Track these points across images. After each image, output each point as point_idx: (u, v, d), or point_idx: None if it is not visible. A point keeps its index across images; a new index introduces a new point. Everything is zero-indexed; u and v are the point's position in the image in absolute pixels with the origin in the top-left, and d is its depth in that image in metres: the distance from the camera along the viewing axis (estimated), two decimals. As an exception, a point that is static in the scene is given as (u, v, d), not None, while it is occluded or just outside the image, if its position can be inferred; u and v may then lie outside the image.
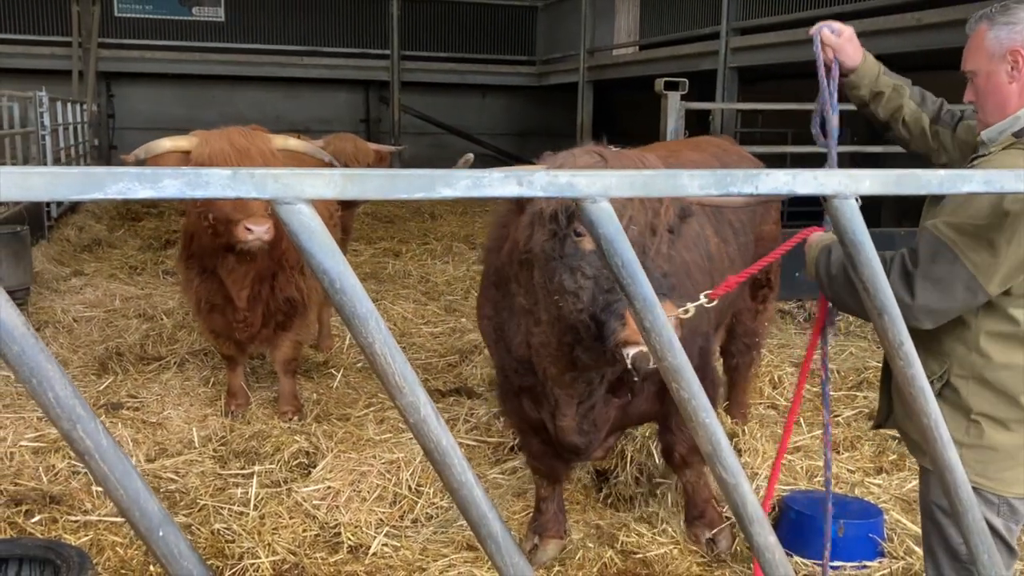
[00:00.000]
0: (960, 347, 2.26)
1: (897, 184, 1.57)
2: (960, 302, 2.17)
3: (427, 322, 6.93)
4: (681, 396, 1.46)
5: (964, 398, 2.25)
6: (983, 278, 2.12)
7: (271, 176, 1.16)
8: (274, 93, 17.32)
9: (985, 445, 2.24)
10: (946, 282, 2.13)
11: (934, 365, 2.28)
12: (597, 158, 2.65)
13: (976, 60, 2.30)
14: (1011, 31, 2.23)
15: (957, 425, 2.24)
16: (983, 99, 2.30)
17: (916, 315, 2.15)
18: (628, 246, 1.37)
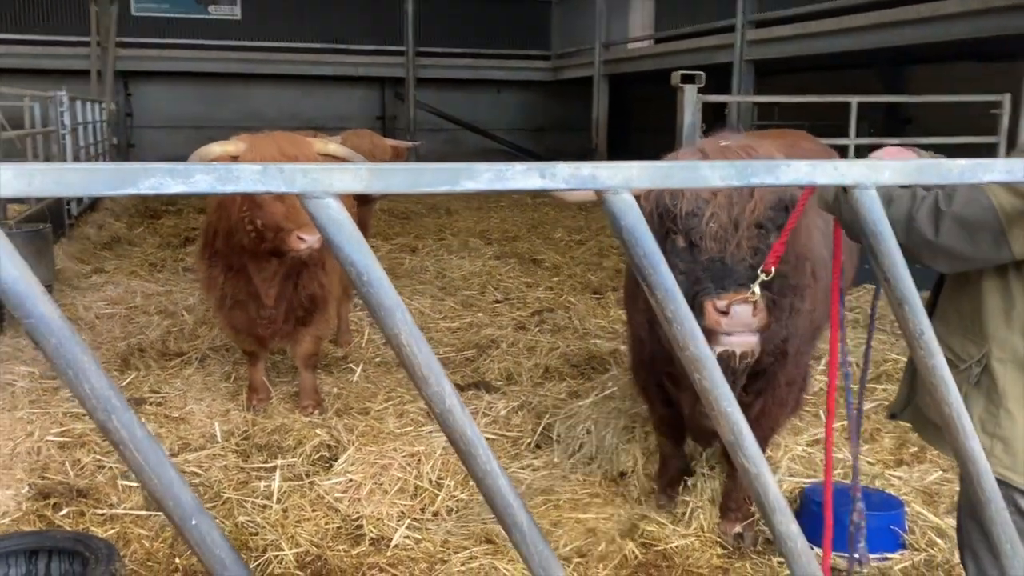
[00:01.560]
0: (1003, 329, 2.24)
1: (918, 174, 1.57)
2: (982, 253, 2.12)
3: (444, 317, 6.96)
4: (703, 386, 1.46)
5: (1001, 386, 2.23)
6: (1012, 234, 2.08)
7: (300, 171, 1.18)
8: (290, 90, 17.42)
9: (1018, 437, 2.22)
10: (974, 228, 2.09)
11: (972, 348, 2.26)
12: (699, 156, 2.79)
13: None
14: None
15: (991, 415, 2.23)
16: None
17: (935, 253, 2.13)
18: (649, 237, 1.38)
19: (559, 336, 6.40)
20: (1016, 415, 2.22)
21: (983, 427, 2.24)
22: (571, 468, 4.16)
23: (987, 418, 2.24)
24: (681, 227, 2.71)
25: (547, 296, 7.74)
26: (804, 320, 3.25)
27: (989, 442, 2.23)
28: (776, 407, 3.49)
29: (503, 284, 8.17)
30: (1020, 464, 2.22)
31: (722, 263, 2.64)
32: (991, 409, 2.23)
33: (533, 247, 10.00)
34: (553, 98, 18.47)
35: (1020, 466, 2.22)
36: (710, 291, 2.59)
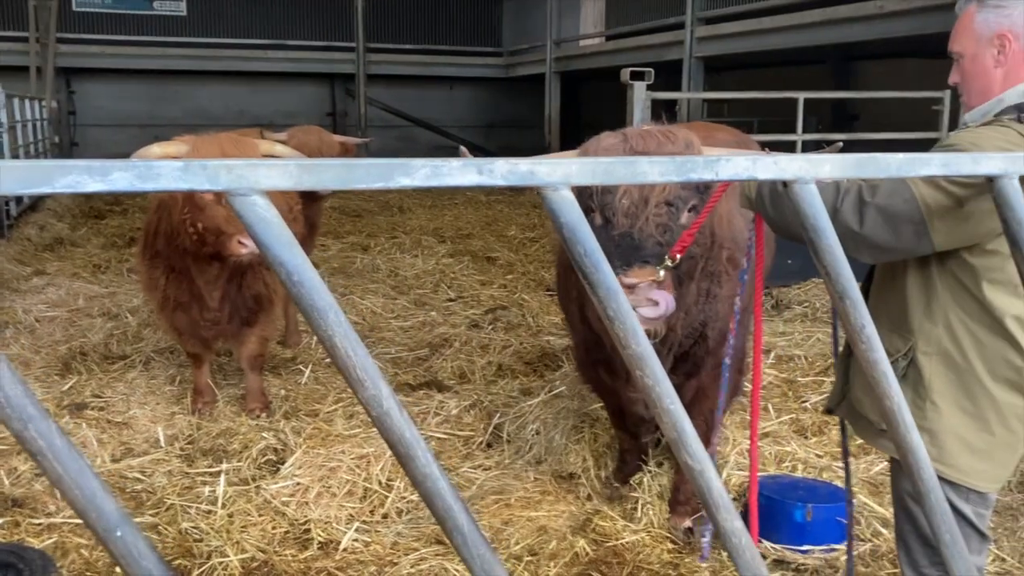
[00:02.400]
0: (927, 322, 2.27)
1: (857, 168, 1.57)
2: (905, 244, 2.16)
3: (396, 316, 6.90)
4: (645, 383, 1.45)
5: (926, 378, 2.26)
6: (933, 226, 2.11)
7: (224, 167, 1.14)
8: (238, 87, 17.16)
9: (943, 429, 2.25)
10: (897, 219, 2.12)
11: (898, 342, 2.29)
12: (620, 138, 2.82)
13: (963, 42, 2.28)
14: (999, 14, 2.21)
15: (917, 408, 2.25)
16: (968, 81, 2.30)
17: (859, 244, 2.15)
18: (590, 234, 1.36)
19: (512, 334, 6.38)
20: (941, 407, 2.25)
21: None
22: (522, 468, 4.14)
23: (913, 411, 2.25)
24: (597, 204, 2.74)
25: (501, 294, 7.71)
26: (723, 305, 3.29)
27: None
28: (713, 388, 3.52)
29: (456, 282, 8.12)
30: (946, 456, 2.24)
31: (631, 239, 2.67)
32: (917, 402, 2.25)
33: (487, 245, 9.97)
34: (505, 95, 18.44)
35: (946, 458, 2.24)
36: (618, 267, 2.61)
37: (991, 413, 2.23)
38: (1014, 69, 2.25)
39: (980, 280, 2.18)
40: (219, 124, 12.51)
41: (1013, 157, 1.69)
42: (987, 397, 2.23)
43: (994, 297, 2.17)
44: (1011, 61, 2.24)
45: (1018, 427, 2.26)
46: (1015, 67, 2.24)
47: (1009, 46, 2.22)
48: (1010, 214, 1.69)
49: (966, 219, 2.10)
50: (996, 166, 1.65)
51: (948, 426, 2.25)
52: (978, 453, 2.25)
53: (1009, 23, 2.23)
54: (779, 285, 7.37)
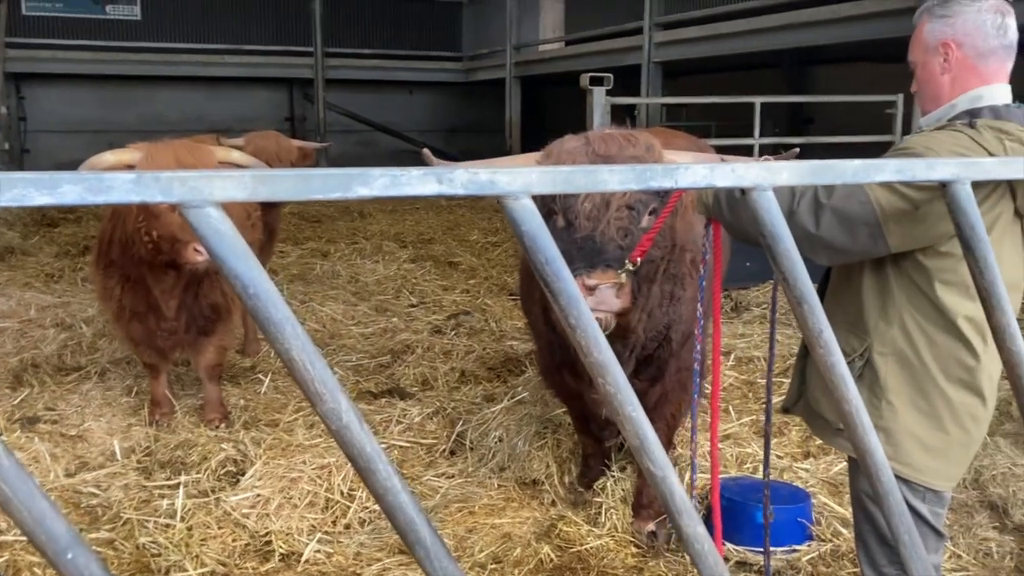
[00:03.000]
0: (882, 323, 2.30)
1: (813, 175, 1.59)
2: (860, 245, 2.20)
3: (357, 323, 6.84)
4: (607, 390, 1.46)
5: (882, 378, 2.30)
6: (888, 228, 2.15)
7: (177, 179, 1.12)
8: (195, 92, 16.91)
9: (898, 429, 2.29)
10: (853, 221, 2.16)
11: (855, 342, 2.32)
12: (582, 141, 2.84)
13: (915, 51, 2.35)
14: (944, 24, 2.28)
15: (873, 407, 2.28)
16: (921, 89, 2.36)
17: (815, 246, 2.19)
18: (551, 242, 1.36)
19: (475, 339, 6.36)
20: (897, 407, 2.29)
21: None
22: (485, 475, 4.12)
23: (869, 410, 2.29)
24: (560, 206, 2.74)
25: (463, 299, 7.69)
26: (687, 307, 3.32)
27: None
28: (676, 392, 3.56)
29: (418, 288, 8.08)
30: (902, 454, 2.28)
31: (593, 242, 2.69)
32: (873, 402, 2.29)
33: (449, 249, 9.94)
34: (466, 99, 18.41)
35: (902, 456, 2.28)
36: (580, 269, 2.62)
37: (945, 412, 2.28)
38: (961, 75, 2.30)
39: (933, 281, 2.23)
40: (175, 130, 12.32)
41: (966, 163, 1.73)
42: (941, 396, 2.27)
43: (947, 298, 2.21)
44: (956, 68, 2.29)
45: (972, 426, 2.30)
46: (961, 73, 2.30)
47: (952, 54, 2.28)
48: (963, 218, 1.72)
49: (920, 221, 2.14)
50: (949, 172, 1.68)
51: (903, 425, 2.29)
52: (933, 452, 2.29)
53: (952, 31, 2.28)
54: (738, 287, 7.44)
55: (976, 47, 2.28)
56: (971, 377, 2.26)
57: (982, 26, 2.29)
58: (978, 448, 2.41)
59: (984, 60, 2.29)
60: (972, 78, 2.30)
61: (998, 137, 2.18)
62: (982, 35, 2.29)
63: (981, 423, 2.33)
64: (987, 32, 2.29)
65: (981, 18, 2.27)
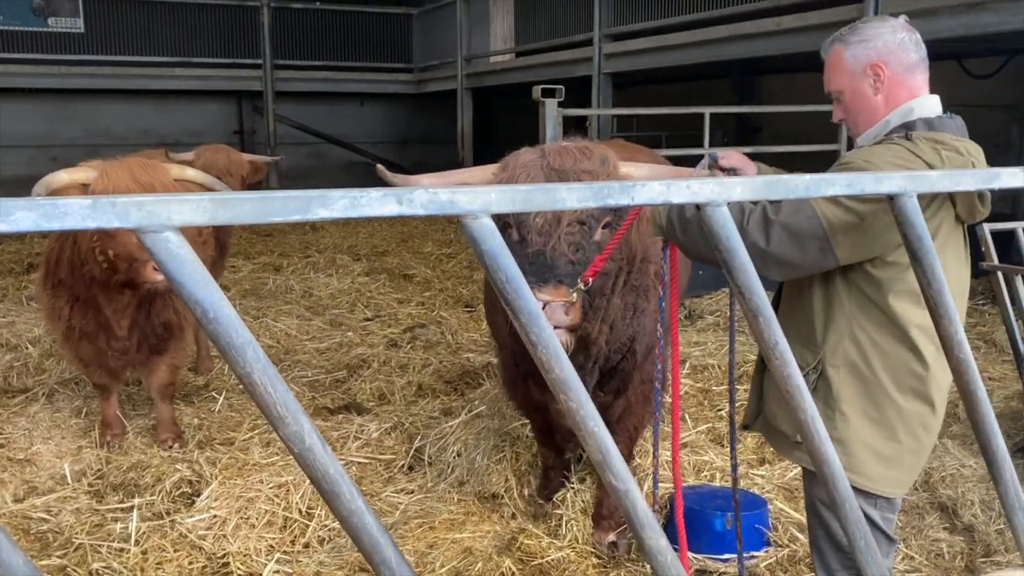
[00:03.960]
0: (834, 335, 2.35)
1: (766, 190, 1.62)
2: (810, 259, 2.23)
3: (312, 338, 6.78)
4: (569, 406, 1.48)
5: (835, 389, 2.34)
6: (836, 241, 2.19)
7: (134, 204, 1.11)
8: (142, 106, 16.64)
9: (852, 439, 2.34)
10: (801, 236, 2.19)
11: (808, 356, 2.37)
12: (538, 154, 2.85)
13: (839, 80, 2.40)
14: (866, 48, 2.34)
15: (827, 419, 2.32)
16: (853, 115, 2.41)
17: (767, 262, 2.21)
18: (511, 261, 1.38)
19: (432, 352, 6.34)
20: (850, 417, 2.34)
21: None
22: (445, 490, 4.11)
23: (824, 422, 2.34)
24: (514, 220, 2.76)
25: (419, 311, 7.67)
26: (651, 319, 3.35)
27: None
28: (639, 405, 3.58)
29: (373, 301, 8.04)
30: (856, 464, 2.33)
31: (544, 257, 2.70)
32: (827, 413, 2.33)
33: (403, 262, 9.90)
34: (417, 111, 18.38)
35: (856, 466, 2.32)
36: (531, 284, 2.65)
37: (897, 421, 2.33)
38: (893, 92, 2.37)
39: (884, 291, 2.28)
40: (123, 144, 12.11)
41: (912, 176, 1.78)
42: (893, 406, 2.32)
43: (898, 307, 2.26)
44: (888, 86, 2.36)
45: (923, 434, 2.36)
46: (893, 90, 2.37)
47: (883, 73, 2.34)
48: (910, 230, 1.77)
49: (866, 233, 2.19)
50: (897, 185, 1.73)
51: (857, 435, 2.33)
52: (885, 460, 2.34)
53: (876, 53, 2.35)
54: (691, 296, 7.53)
55: (902, 63, 2.35)
56: (922, 386, 2.31)
57: (903, 43, 2.36)
58: (928, 455, 2.47)
59: (911, 74, 2.37)
60: (903, 93, 2.36)
61: (934, 148, 2.25)
62: (904, 51, 2.36)
63: (932, 431, 2.39)
64: (908, 47, 2.36)
65: (898, 36, 2.35)
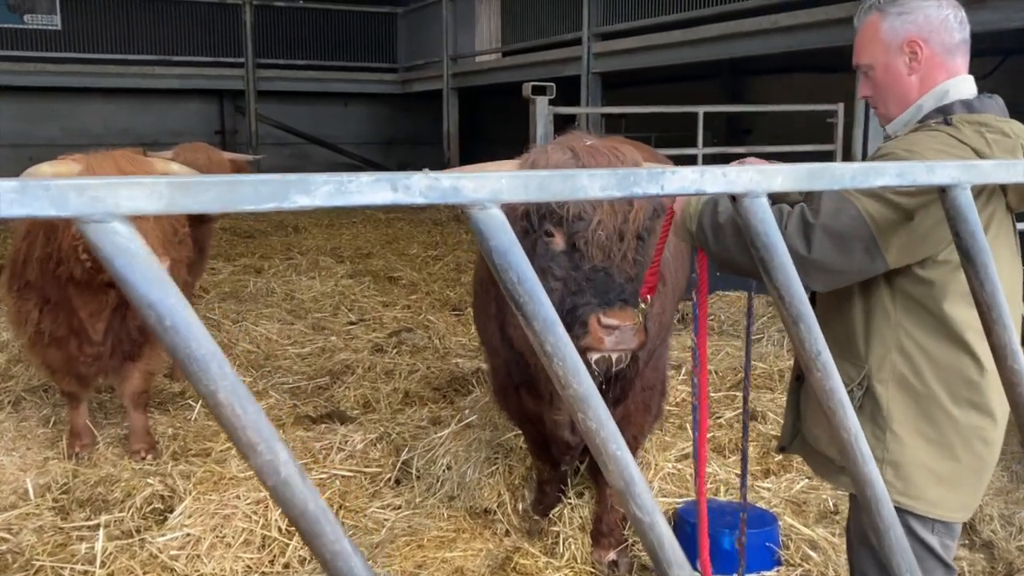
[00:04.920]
0: (879, 347, 2.14)
1: (809, 179, 1.43)
2: (857, 264, 2.03)
3: (293, 343, 6.54)
4: (588, 426, 1.28)
5: (884, 407, 2.14)
6: (884, 242, 1.99)
7: (74, 188, 0.89)
8: (121, 105, 16.35)
9: (907, 461, 2.13)
10: (846, 239, 1.99)
11: (851, 371, 2.16)
12: (570, 154, 2.57)
13: (871, 52, 2.20)
14: (905, 21, 2.14)
15: (877, 440, 2.12)
16: (883, 93, 2.21)
17: (809, 270, 2.00)
18: (524, 260, 1.18)
19: (418, 357, 6.11)
20: (903, 437, 2.13)
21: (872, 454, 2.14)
22: (434, 506, 3.88)
23: (874, 444, 2.14)
24: (566, 230, 2.50)
25: (405, 315, 7.44)
26: (654, 323, 3.16)
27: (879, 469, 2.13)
28: (639, 413, 3.40)
29: (358, 304, 7.80)
30: (913, 488, 2.13)
31: (606, 274, 2.46)
32: (877, 434, 2.13)
33: (388, 264, 9.66)
34: (402, 111, 18.15)
35: (913, 490, 2.12)
36: (593, 305, 2.42)
37: (954, 438, 2.12)
38: (929, 74, 2.18)
39: (937, 294, 2.07)
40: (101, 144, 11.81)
41: (966, 166, 1.58)
42: (949, 421, 2.12)
43: (953, 311, 2.06)
44: (925, 66, 2.17)
45: (983, 450, 2.15)
46: (930, 71, 2.17)
47: (921, 51, 2.15)
48: (963, 226, 1.57)
49: (915, 231, 1.99)
50: (949, 175, 1.53)
51: (912, 456, 2.13)
52: (945, 482, 2.14)
53: (916, 28, 2.16)
54: (685, 298, 7.33)
55: (943, 42, 2.16)
56: (979, 396, 2.11)
57: (946, 21, 2.17)
58: (991, 472, 2.25)
59: (951, 56, 2.18)
60: (939, 75, 2.18)
61: (978, 131, 2.06)
62: (947, 29, 2.17)
63: (993, 445, 2.18)
64: (952, 26, 2.18)
65: (943, 12, 2.16)
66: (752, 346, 6.07)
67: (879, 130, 7.23)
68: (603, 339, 2.43)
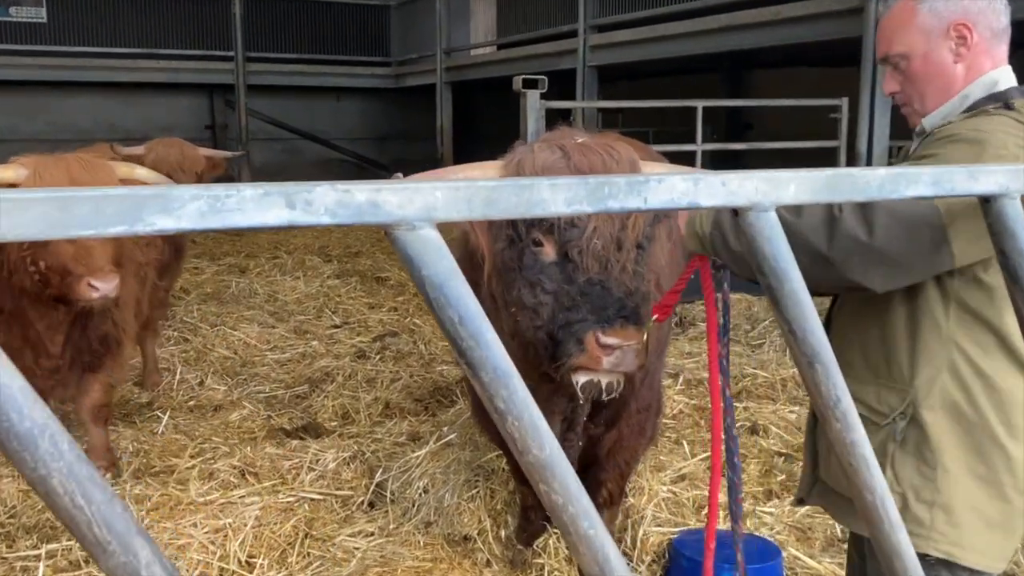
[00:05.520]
0: (927, 367, 1.84)
1: (828, 188, 1.15)
2: (924, 256, 1.73)
3: (273, 348, 6.25)
4: (553, 500, 1.02)
5: (933, 439, 1.84)
6: (954, 231, 1.69)
7: None
8: (108, 99, 16.03)
9: (959, 504, 1.83)
10: (912, 223, 1.69)
11: (891, 398, 1.87)
12: (559, 153, 2.29)
13: (908, 40, 1.91)
14: (948, 3, 1.86)
15: (925, 479, 1.83)
16: (922, 85, 1.92)
17: (870, 261, 1.70)
18: (466, 292, 0.91)
19: (402, 364, 5.83)
20: (955, 474, 1.83)
21: (918, 496, 1.84)
22: (410, 532, 3.59)
23: (922, 484, 1.84)
24: (558, 239, 2.23)
25: (390, 318, 7.15)
26: (652, 338, 2.88)
27: (928, 514, 1.83)
28: (632, 436, 3.12)
29: (342, 307, 7.51)
30: (964, 536, 1.83)
31: (602, 287, 2.19)
32: (924, 472, 1.84)
33: (376, 263, 9.38)
34: (395, 106, 17.82)
35: (967, 539, 1.83)
36: (590, 322, 2.14)
37: (1005, 474, 1.83)
38: (976, 61, 1.89)
39: (999, 304, 1.76)
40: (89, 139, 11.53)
41: (1015, 171, 1.29)
42: (1001, 455, 1.82)
43: (1015, 324, 1.77)
44: (973, 53, 1.88)
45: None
46: (976, 59, 1.89)
47: (971, 36, 1.86)
48: (1011, 243, 1.29)
49: None
50: (996, 182, 1.25)
51: (964, 498, 1.83)
52: (995, 528, 1.85)
53: (963, 10, 1.87)
54: (681, 301, 7.06)
55: (991, 27, 1.89)
56: None
57: (993, 3, 1.89)
58: None
59: (999, 42, 1.91)
60: (986, 64, 1.89)
61: None
62: (995, 12, 1.90)
63: None
64: (999, 9, 1.90)
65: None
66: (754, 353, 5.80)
67: (885, 126, 6.96)
68: (601, 359, 2.16)
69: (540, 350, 2.28)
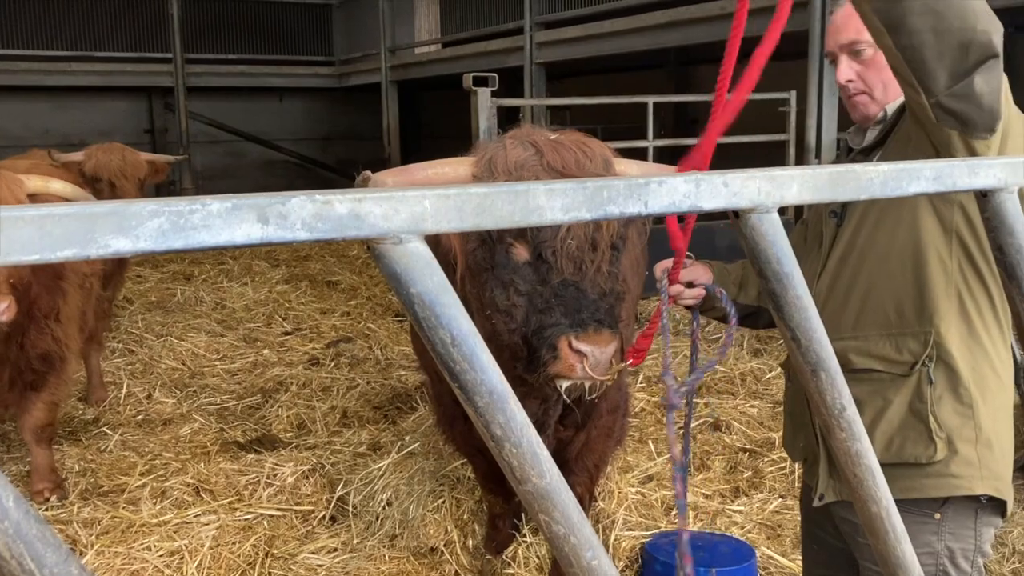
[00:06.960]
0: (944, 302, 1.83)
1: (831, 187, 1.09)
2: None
3: (223, 357, 6.07)
4: (555, 531, 0.95)
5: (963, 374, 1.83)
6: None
7: None
8: (40, 104, 15.51)
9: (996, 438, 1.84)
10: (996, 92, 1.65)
11: (913, 344, 1.85)
12: (531, 150, 2.23)
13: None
14: None
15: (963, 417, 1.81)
16: (886, 72, 1.88)
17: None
18: (459, 311, 0.83)
19: (358, 370, 5.69)
20: (984, 406, 1.84)
21: (960, 434, 1.82)
22: (375, 547, 3.47)
23: (962, 423, 1.82)
24: (531, 239, 2.15)
25: (344, 323, 7.00)
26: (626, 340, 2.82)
27: (975, 454, 1.81)
28: (601, 439, 3.05)
29: (293, 312, 7.33)
30: (1004, 471, 1.83)
31: (576, 289, 2.12)
32: (961, 410, 1.82)
33: (326, 267, 9.20)
34: (340, 106, 17.56)
35: (1004, 473, 1.83)
36: (563, 326, 2.07)
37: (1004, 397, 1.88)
38: None
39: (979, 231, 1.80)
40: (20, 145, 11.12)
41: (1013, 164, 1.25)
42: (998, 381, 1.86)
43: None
44: None
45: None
46: None
47: None
48: (1009, 239, 1.24)
49: None
50: (994, 176, 1.21)
51: (995, 430, 1.84)
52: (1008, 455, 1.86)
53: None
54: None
55: None
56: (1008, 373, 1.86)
57: None
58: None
59: None
60: None
61: None
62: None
63: None
64: None
65: None
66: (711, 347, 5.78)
67: (833, 118, 7.00)
68: (575, 366, 2.09)
69: (515, 354, 2.23)
